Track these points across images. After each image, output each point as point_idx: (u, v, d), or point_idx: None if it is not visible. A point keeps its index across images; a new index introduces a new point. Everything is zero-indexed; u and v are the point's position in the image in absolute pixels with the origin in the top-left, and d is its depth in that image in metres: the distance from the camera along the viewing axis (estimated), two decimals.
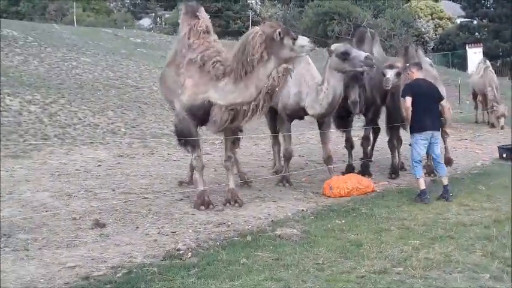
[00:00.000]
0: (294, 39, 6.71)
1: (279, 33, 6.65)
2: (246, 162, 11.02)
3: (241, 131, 8.05)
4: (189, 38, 7.45)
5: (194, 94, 7.18)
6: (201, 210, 7.17)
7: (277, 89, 6.80)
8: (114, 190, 8.13)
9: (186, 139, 7.37)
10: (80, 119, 12.49)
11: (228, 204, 7.46)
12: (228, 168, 7.71)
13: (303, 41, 6.80)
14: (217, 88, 7.02)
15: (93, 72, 17.03)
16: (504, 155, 12.04)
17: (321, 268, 5.02)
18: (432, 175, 9.47)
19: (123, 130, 12.39)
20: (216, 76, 7.03)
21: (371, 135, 10.48)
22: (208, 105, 7.10)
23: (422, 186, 7.86)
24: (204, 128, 7.75)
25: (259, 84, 6.74)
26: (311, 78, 8.61)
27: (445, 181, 8.04)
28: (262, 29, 6.77)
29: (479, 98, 18.87)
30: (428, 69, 9.90)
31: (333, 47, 8.43)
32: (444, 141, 10.24)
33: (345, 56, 8.02)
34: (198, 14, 7.63)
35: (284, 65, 6.72)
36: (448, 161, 10.01)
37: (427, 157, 9.41)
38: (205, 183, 7.60)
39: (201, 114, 7.25)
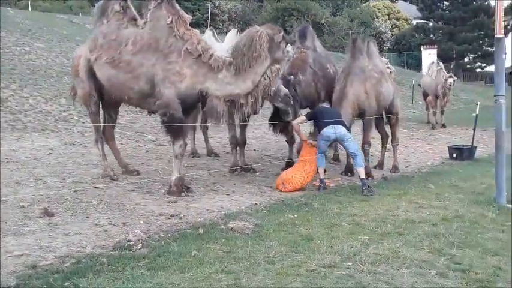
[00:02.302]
0: (286, 44, 7.48)
1: (282, 37, 7.40)
2: (203, 154, 11.00)
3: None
4: (177, 28, 7.46)
5: (193, 83, 7.39)
6: (179, 197, 7.38)
7: (272, 87, 7.61)
8: (64, 179, 7.98)
9: (178, 126, 7.42)
10: (31, 105, 12.21)
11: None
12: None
13: (289, 47, 7.60)
14: (217, 79, 7.41)
15: (46, 58, 16.64)
16: (454, 155, 12.35)
17: (271, 261, 5.04)
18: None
19: (76, 118, 12.16)
20: (215, 67, 7.38)
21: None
22: (200, 95, 7.48)
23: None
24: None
25: (255, 79, 7.37)
26: None
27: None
28: (266, 30, 7.39)
29: (430, 98, 19.27)
30: (376, 63, 10.04)
31: None
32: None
33: None
34: (175, 3, 7.67)
35: (277, 66, 7.46)
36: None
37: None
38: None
39: (192, 103, 7.66)
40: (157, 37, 7.52)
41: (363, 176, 8.34)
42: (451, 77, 18.70)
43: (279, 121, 9.25)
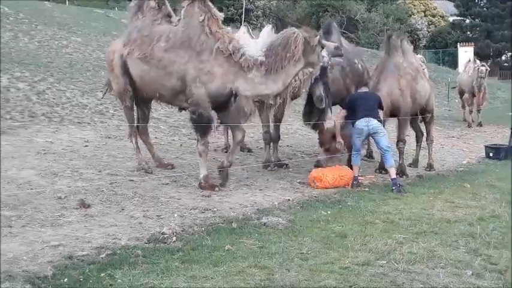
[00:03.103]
0: (322, 48, 7.49)
1: (318, 41, 7.38)
2: None
3: None
4: (209, 27, 7.48)
5: (223, 83, 7.40)
6: (212, 191, 7.45)
7: (302, 89, 7.59)
8: (100, 171, 8.08)
9: (205, 126, 7.48)
10: (68, 98, 12.38)
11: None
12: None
13: (325, 52, 7.62)
14: (247, 79, 7.39)
15: (83, 52, 16.86)
16: (491, 154, 12.13)
17: (305, 258, 5.02)
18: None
19: (112, 112, 12.30)
20: (246, 67, 7.35)
21: None
22: (231, 94, 7.48)
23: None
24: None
25: (286, 80, 7.40)
26: None
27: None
28: (302, 33, 7.35)
29: (466, 96, 18.94)
30: (411, 60, 9.93)
31: None
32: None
33: None
34: (207, 1, 7.67)
35: (310, 69, 7.50)
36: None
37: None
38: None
39: (223, 101, 7.58)
40: (190, 35, 7.52)
41: (393, 176, 8.26)
42: (483, 65, 18.35)
43: (314, 117, 9.15)
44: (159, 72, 7.61)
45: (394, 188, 8.08)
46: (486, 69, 18.43)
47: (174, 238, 5.34)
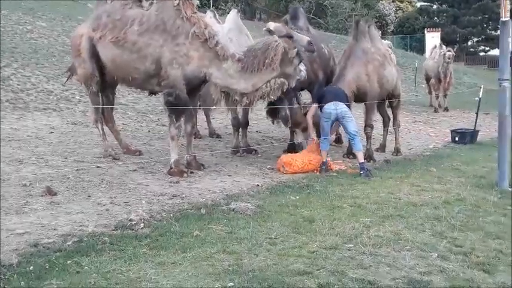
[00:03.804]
0: (300, 62, 7.71)
1: (296, 53, 7.55)
2: (205, 135, 11.01)
3: None
4: (185, 11, 7.48)
5: (199, 66, 7.48)
6: (181, 178, 7.41)
7: (270, 96, 7.68)
8: (66, 158, 7.98)
9: (182, 108, 7.50)
10: (33, 84, 12.16)
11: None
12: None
13: (301, 66, 7.88)
14: (221, 68, 7.51)
15: (48, 37, 16.54)
16: (456, 139, 12.33)
17: (273, 242, 5.04)
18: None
19: (78, 98, 12.13)
20: (221, 56, 7.48)
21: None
22: (204, 79, 7.62)
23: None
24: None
25: (257, 84, 7.50)
26: None
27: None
28: (283, 43, 7.48)
29: (432, 81, 19.17)
30: (378, 46, 10.00)
31: (272, 26, 8.44)
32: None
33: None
34: None
35: (282, 79, 7.51)
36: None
37: None
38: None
39: (196, 85, 7.77)
40: (164, 19, 7.52)
41: (361, 160, 8.33)
42: (449, 51, 18.61)
43: (276, 108, 9.11)
44: (133, 55, 7.60)
45: (362, 172, 8.15)
46: (452, 55, 18.69)
47: (142, 225, 5.30)
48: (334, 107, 8.31)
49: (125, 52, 7.62)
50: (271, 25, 8.51)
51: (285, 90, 7.77)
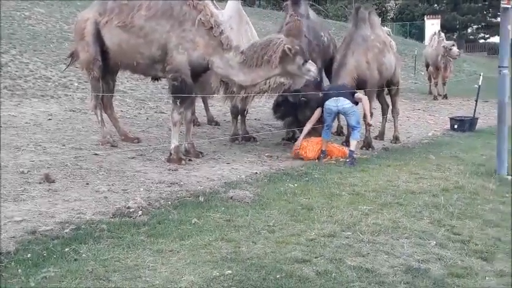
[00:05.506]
0: (305, 61, 7.47)
1: (295, 52, 7.35)
2: (203, 123, 10.98)
3: None
4: None
5: (203, 53, 7.53)
6: (179, 165, 7.42)
7: (267, 93, 7.82)
8: (64, 145, 7.95)
9: (187, 91, 7.54)
10: (31, 71, 12.11)
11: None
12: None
13: (311, 66, 7.56)
14: (223, 57, 7.52)
15: (46, 23, 16.43)
16: (455, 126, 12.31)
17: (271, 230, 5.04)
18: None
19: (76, 84, 12.08)
20: (225, 45, 7.50)
21: None
22: (207, 67, 7.63)
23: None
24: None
25: (256, 79, 7.52)
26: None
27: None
28: (285, 41, 7.39)
29: (431, 69, 19.12)
30: (378, 33, 9.96)
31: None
32: None
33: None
34: None
35: (282, 79, 7.61)
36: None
37: None
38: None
39: (199, 72, 7.76)
40: (171, 5, 7.57)
41: (353, 148, 8.32)
42: (453, 45, 18.55)
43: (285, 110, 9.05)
44: (139, 40, 7.64)
45: (348, 159, 8.15)
46: (458, 52, 18.80)
47: (140, 212, 5.29)
48: (334, 104, 8.28)
49: (132, 37, 7.66)
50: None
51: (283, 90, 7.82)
